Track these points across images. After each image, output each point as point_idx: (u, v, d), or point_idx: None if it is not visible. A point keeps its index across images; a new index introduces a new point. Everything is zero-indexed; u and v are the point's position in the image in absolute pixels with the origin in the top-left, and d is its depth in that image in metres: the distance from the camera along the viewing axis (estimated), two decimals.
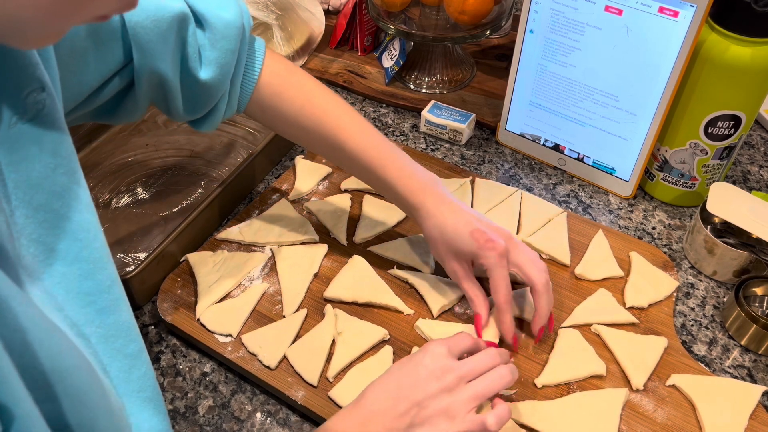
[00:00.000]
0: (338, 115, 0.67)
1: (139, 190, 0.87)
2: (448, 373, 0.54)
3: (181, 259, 0.76)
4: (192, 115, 0.65)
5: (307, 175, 0.87)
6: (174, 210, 0.84)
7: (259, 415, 0.64)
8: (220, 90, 0.62)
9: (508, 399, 0.64)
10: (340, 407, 0.63)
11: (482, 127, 0.98)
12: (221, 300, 0.72)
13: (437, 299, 0.71)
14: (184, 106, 0.63)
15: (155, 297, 0.73)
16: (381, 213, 0.81)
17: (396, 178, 0.66)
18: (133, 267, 0.72)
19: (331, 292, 0.72)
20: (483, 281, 0.67)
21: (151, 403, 0.45)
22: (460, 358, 0.57)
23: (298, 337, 0.69)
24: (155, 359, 0.69)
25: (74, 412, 0.35)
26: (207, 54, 0.60)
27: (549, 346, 0.68)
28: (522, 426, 0.62)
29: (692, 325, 0.72)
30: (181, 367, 0.68)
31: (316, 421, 0.63)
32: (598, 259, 0.76)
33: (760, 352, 0.70)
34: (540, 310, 0.65)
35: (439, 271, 0.75)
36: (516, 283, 0.74)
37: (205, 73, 0.60)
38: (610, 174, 0.87)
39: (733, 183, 0.90)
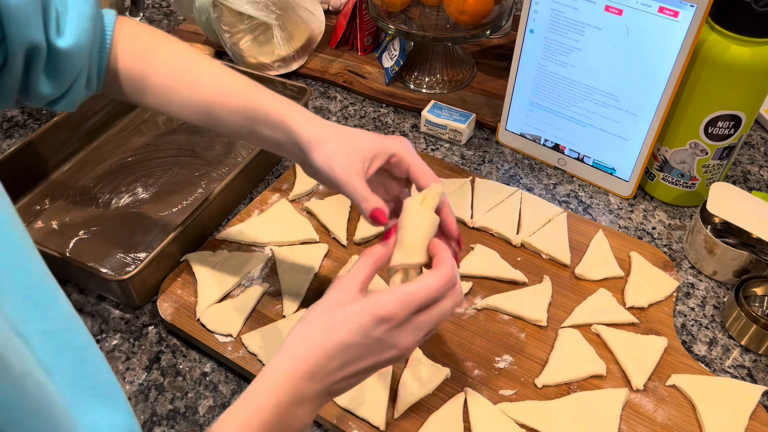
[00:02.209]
0: (212, 73, 0.62)
1: (139, 190, 0.87)
2: (387, 350, 0.47)
3: (181, 259, 0.76)
4: (52, 92, 0.58)
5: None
6: (174, 210, 0.84)
7: None
8: (80, 60, 0.57)
9: (508, 399, 0.64)
10: (340, 407, 0.63)
11: (482, 127, 0.98)
12: (221, 300, 0.72)
13: None
14: (46, 83, 0.57)
15: (155, 297, 0.73)
16: None
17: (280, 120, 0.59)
18: (133, 267, 0.72)
19: None
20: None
21: (108, 398, 0.42)
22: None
23: None
24: (155, 359, 0.69)
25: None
26: (66, 20, 0.55)
27: (549, 346, 0.68)
28: (522, 426, 0.62)
29: (692, 325, 0.72)
30: (181, 367, 0.68)
31: (316, 420, 0.63)
32: (599, 259, 0.76)
33: (760, 352, 0.70)
34: (446, 213, 0.55)
35: None
36: (510, 282, 0.74)
37: (64, 41, 0.55)
38: (611, 174, 0.87)
39: (733, 183, 0.90)
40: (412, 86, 1.04)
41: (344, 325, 0.46)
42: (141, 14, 1.06)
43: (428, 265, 0.51)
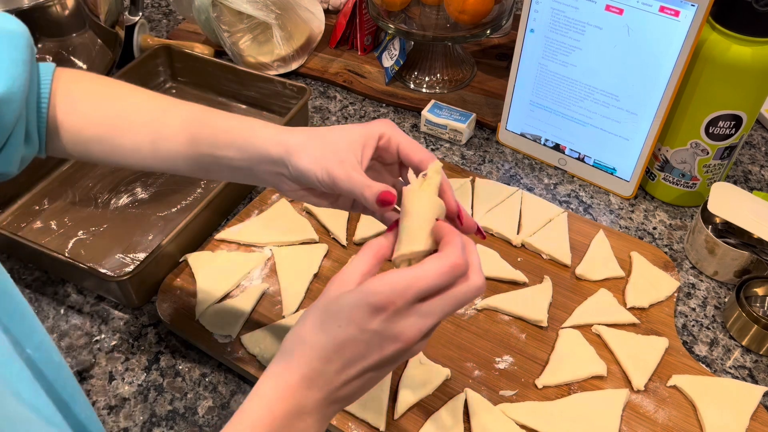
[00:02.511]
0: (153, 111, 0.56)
1: (138, 189, 0.87)
2: (390, 343, 0.42)
3: (181, 260, 0.75)
4: None
5: None
6: (173, 210, 0.84)
7: None
8: (14, 109, 0.51)
9: (508, 400, 0.64)
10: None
11: (482, 126, 0.98)
12: (221, 300, 0.72)
13: None
14: None
15: (154, 297, 0.73)
16: None
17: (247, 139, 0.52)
18: (132, 267, 0.71)
19: None
20: None
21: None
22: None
23: None
24: (155, 359, 0.69)
25: None
26: None
27: (550, 347, 0.68)
28: (522, 427, 0.61)
29: (693, 326, 0.72)
30: (180, 367, 0.68)
31: None
32: (599, 259, 0.76)
33: (761, 353, 0.69)
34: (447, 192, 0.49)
35: None
36: (510, 283, 0.74)
37: None
38: (611, 174, 0.87)
39: (734, 183, 0.90)
40: (412, 86, 1.04)
41: (336, 320, 0.41)
42: (140, 14, 1.06)
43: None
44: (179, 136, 0.54)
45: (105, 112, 0.55)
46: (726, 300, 0.75)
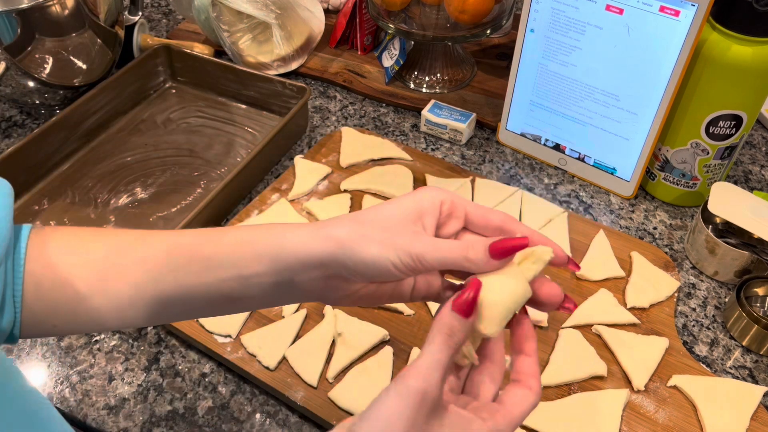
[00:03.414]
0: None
1: (138, 190, 0.86)
2: None
3: None
4: None
5: (307, 174, 0.86)
6: (173, 210, 0.84)
7: (258, 415, 0.64)
8: None
9: None
10: (340, 408, 0.62)
11: (483, 126, 0.98)
12: None
13: None
14: None
15: None
16: None
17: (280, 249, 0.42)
18: None
19: None
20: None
21: None
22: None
23: (297, 337, 0.68)
24: (154, 360, 0.68)
25: None
26: None
27: (550, 347, 0.68)
28: (522, 427, 0.61)
29: (693, 326, 0.72)
30: (180, 367, 0.68)
31: (316, 422, 0.63)
32: (599, 259, 0.76)
33: (761, 353, 0.69)
34: (541, 239, 0.41)
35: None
36: None
37: None
38: (611, 174, 0.87)
39: (735, 183, 0.90)
40: (412, 86, 1.03)
41: None
42: (140, 13, 1.06)
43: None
44: (189, 265, 0.43)
45: (90, 258, 0.44)
46: (726, 300, 0.75)
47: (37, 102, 0.95)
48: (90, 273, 0.43)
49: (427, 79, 1.03)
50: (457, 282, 0.44)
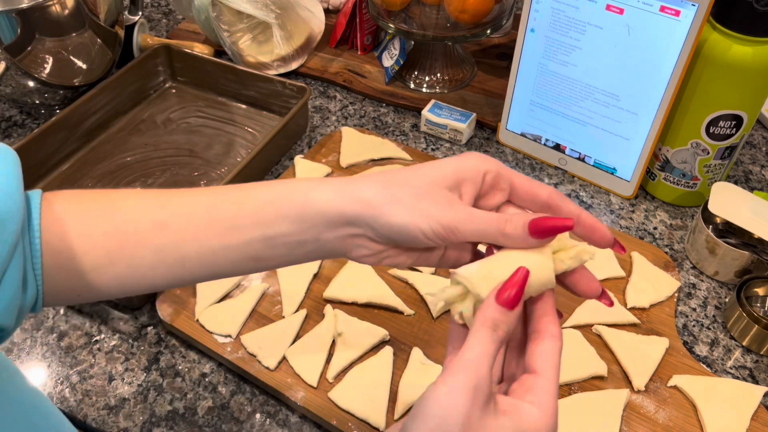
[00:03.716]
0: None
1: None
2: None
3: None
4: None
5: (307, 174, 0.86)
6: None
7: (258, 416, 0.64)
8: (10, 232, 0.39)
9: None
10: (340, 408, 0.62)
11: (483, 126, 0.98)
12: (220, 300, 0.72)
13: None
14: None
15: (154, 297, 0.73)
16: None
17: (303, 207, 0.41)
18: None
19: (331, 292, 0.72)
20: None
21: None
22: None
23: (297, 337, 0.68)
24: (154, 360, 0.68)
25: None
26: None
27: None
28: None
29: (694, 326, 0.72)
30: (180, 367, 0.68)
31: (316, 422, 0.63)
32: (599, 259, 0.76)
33: (761, 353, 0.69)
34: (587, 221, 0.42)
35: (439, 270, 0.74)
36: None
37: None
38: (612, 174, 0.87)
39: (735, 183, 0.90)
40: (412, 86, 1.03)
41: None
42: (140, 13, 1.06)
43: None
44: (211, 228, 0.42)
45: (108, 227, 0.42)
46: (726, 300, 0.75)
47: (37, 102, 0.95)
48: (109, 241, 0.42)
49: (427, 79, 1.03)
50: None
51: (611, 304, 0.42)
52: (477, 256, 0.42)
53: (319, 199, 0.41)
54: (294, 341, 0.68)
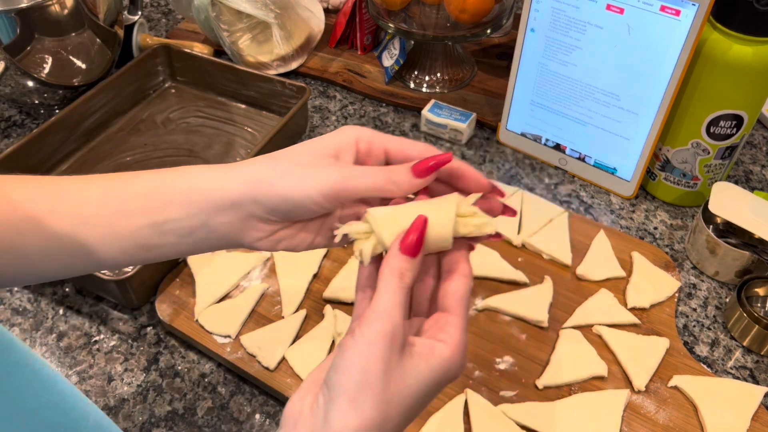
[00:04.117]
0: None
1: None
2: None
3: (180, 260, 0.75)
4: None
5: None
6: None
7: (258, 416, 0.64)
8: None
9: (509, 401, 0.64)
10: None
11: (483, 126, 0.97)
12: (220, 300, 0.72)
13: None
14: None
15: (154, 298, 0.73)
16: None
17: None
18: (131, 268, 0.71)
19: (330, 292, 0.72)
20: None
21: None
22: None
23: (297, 337, 0.68)
24: (154, 360, 0.68)
25: None
26: None
27: (550, 347, 0.68)
28: (523, 427, 0.61)
29: (694, 326, 0.72)
30: (179, 368, 0.68)
31: None
32: (600, 259, 0.76)
33: (762, 353, 0.69)
34: (464, 171, 0.42)
35: None
36: (511, 283, 0.74)
37: None
38: (612, 174, 0.87)
39: (735, 183, 0.90)
40: (412, 85, 1.03)
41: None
42: (139, 13, 1.05)
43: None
44: (100, 215, 0.41)
45: None
46: (727, 300, 0.74)
47: (37, 102, 0.95)
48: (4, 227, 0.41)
49: (427, 78, 1.03)
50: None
51: (514, 213, 0.44)
52: None
53: (204, 184, 0.41)
54: (294, 341, 0.68)
